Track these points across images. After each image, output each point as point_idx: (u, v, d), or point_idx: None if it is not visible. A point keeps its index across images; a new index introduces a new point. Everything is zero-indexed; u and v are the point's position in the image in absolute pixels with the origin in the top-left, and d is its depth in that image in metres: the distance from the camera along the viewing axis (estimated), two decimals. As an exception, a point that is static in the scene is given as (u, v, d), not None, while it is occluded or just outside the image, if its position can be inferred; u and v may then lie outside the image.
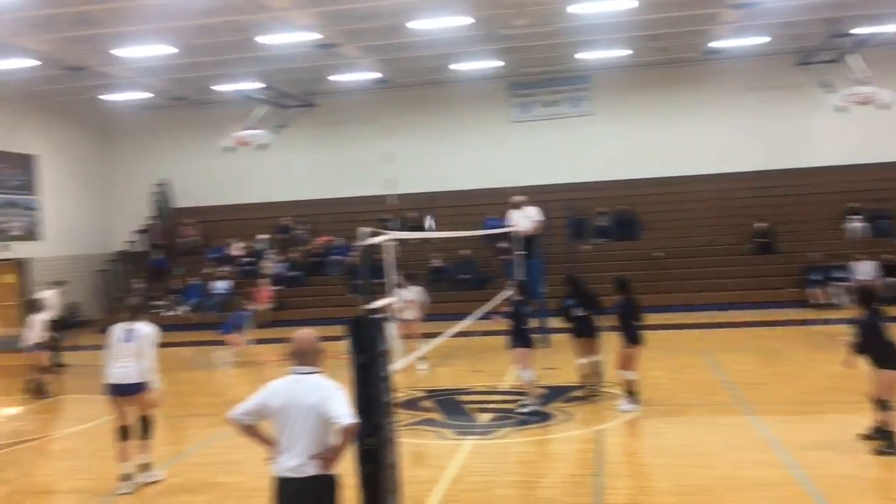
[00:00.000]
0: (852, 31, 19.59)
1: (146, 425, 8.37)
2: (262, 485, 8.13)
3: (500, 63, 23.51)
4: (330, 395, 4.68)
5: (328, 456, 4.68)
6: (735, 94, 24.66)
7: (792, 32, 21.68)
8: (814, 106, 22.89)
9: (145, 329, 8.30)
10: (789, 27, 21.28)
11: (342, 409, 4.65)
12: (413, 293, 14.36)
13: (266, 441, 4.93)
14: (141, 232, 27.39)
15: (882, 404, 8.19)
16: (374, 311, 5.83)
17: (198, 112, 26.98)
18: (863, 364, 8.48)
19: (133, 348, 8.13)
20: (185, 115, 27.22)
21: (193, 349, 18.98)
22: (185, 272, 25.05)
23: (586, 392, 11.56)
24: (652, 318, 19.82)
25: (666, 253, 22.87)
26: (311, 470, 4.63)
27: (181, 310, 23.54)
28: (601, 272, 22.61)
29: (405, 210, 24.68)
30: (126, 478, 8.03)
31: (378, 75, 24.28)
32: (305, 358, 4.83)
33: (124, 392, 8.12)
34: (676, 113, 25.15)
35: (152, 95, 25.36)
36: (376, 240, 6.51)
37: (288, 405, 4.70)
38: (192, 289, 24.05)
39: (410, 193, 25.20)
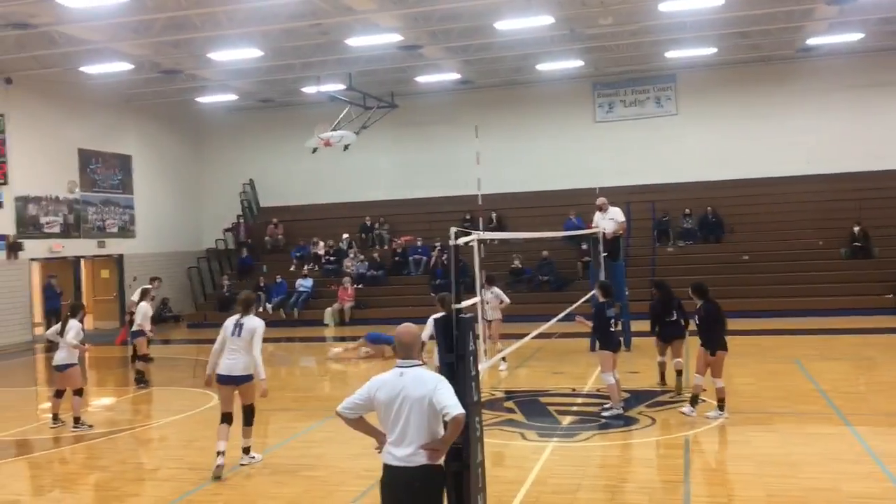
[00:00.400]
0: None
1: (249, 414, 8.82)
2: (345, 479, 8.34)
3: (583, 63, 23.28)
4: (437, 387, 4.79)
5: (437, 447, 4.80)
6: (828, 92, 23.81)
7: (891, 28, 20.83)
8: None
9: (254, 322, 8.63)
10: (888, 23, 20.45)
11: (450, 399, 4.75)
12: (493, 294, 14.34)
13: (375, 432, 5.07)
14: (229, 230, 28.19)
15: None
16: (462, 310, 5.83)
17: (283, 113, 27.63)
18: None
19: (242, 342, 8.53)
20: (271, 116, 27.91)
21: (278, 345, 19.42)
22: (271, 270, 25.66)
23: (671, 397, 11.33)
24: (737, 324, 19.40)
25: (752, 256, 22.25)
26: (420, 460, 4.75)
27: (267, 307, 24.11)
28: (685, 275, 22.17)
29: (488, 210, 24.67)
30: (221, 455, 8.44)
31: (460, 76, 24.36)
32: (409, 351, 4.95)
33: (231, 382, 8.60)
34: (764, 112, 24.44)
35: (240, 98, 26.07)
36: (463, 240, 6.51)
37: (395, 398, 4.82)
38: (278, 286, 24.61)
39: (493, 194, 25.16)
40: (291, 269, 25.55)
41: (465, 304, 6.00)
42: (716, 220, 23.64)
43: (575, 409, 11.18)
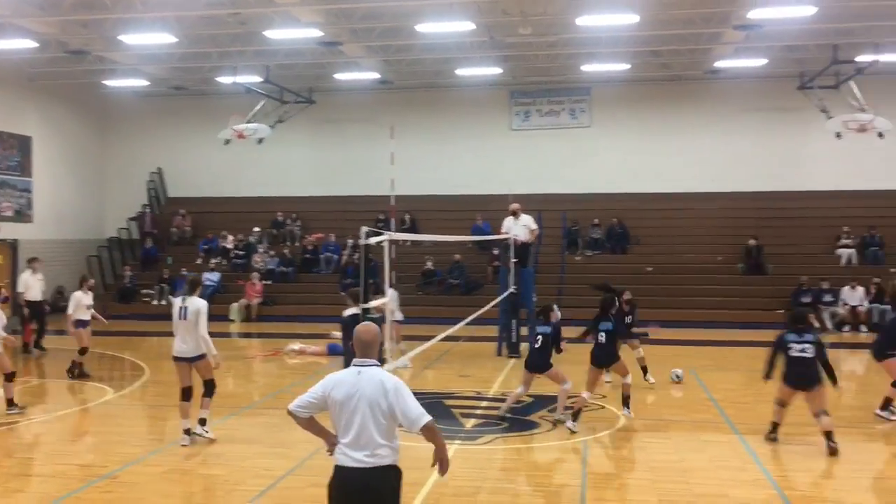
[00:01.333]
0: (853, 59, 19.72)
1: (211, 386, 9.49)
2: (243, 478, 8.18)
3: (502, 71, 23.57)
4: (397, 393, 4.68)
5: (443, 457, 4.82)
6: (735, 114, 24.79)
7: (794, 56, 21.86)
8: (812, 130, 23.07)
9: (197, 304, 9.21)
10: (791, 51, 21.47)
11: (414, 410, 4.68)
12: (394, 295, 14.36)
13: (325, 433, 4.93)
14: (133, 219, 27.30)
15: None
16: (369, 310, 5.82)
17: (196, 102, 26.95)
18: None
19: (189, 324, 9.15)
20: (183, 104, 27.18)
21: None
22: (176, 262, 24.97)
23: (572, 402, 11.56)
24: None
25: (655, 268, 22.96)
26: (374, 461, 4.65)
27: (171, 299, 23.44)
28: (591, 284, 22.72)
29: (402, 211, 24.64)
30: (187, 432, 9.18)
31: (380, 76, 24.30)
32: (367, 350, 4.83)
33: (185, 361, 9.29)
34: (674, 130, 25.27)
35: (152, 84, 25.29)
36: (374, 239, 6.50)
37: (351, 397, 4.70)
38: (182, 279, 23.89)
39: (408, 195, 25.13)
40: (198, 262, 24.93)
41: (373, 303, 5.99)
42: (622, 231, 24.29)
43: (479, 412, 11.29)
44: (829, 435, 9.05)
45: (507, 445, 9.57)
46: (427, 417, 4.68)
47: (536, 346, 10.46)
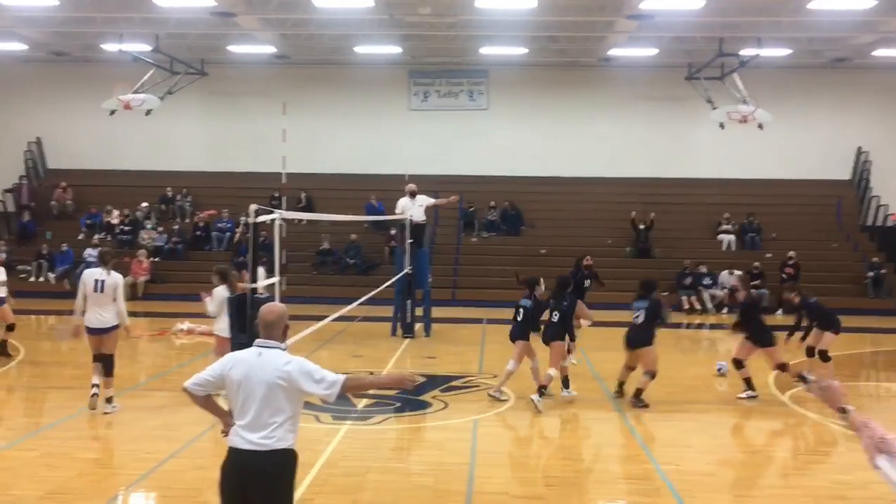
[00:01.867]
0: (737, 52, 20.57)
1: (109, 365, 9.58)
2: (124, 462, 7.92)
3: (401, 50, 23.44)
4: (301, 372, 4.54)
5: (390, 383, 5.99)
6: (627, 101, 25.49)
7: (683, 47, 22.64)
8: (698, 120, 23.94)
9: (115, 278, 9.47)
10: (681, 42, 22.21)
11: (328, 376, 4.55)
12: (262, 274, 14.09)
13: (221, 413, 4.79)
14: (9, 191, 25.83)
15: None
16: (256, 289, 5.71)
17: (80, 70, 25.64)
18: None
19: (107, 297, 9.35)
20: (65, 71, 25.81)
21: (60, 318, 18.05)
22: (56, 237, 23.79)
23: (464, 382, 11.72)
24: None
25: (549, 250, 23.44)
26: (271, 443, 4.51)
27: (50, 276, 22.40)
28: (487, 265, 23.08)
29: (298, 189, 24.25)
30: (96, 387, 9.44)
31: (276, 50, 23.75)
32: (270, 330, 4.67)
33: (99, 333, 9.52)
34: (569, 115, 25.77)
35: (31, 48, 23.89)
36: (263, 217, 6.36)
37: (249, 377, 4.55)
38: (63, 255, 22.86)
39: (304, 173, 24.77)
40: (80, 237, 23.82)
41: (261, 283, 5.88)
42: (516, 213, 24.67)
43: (371, 392, 11.29)
44: (638, 392, 10.27)
45: (399, 425, 9.62)
46: (342, 377, 4.60)
47: (519, 318, 10.82)
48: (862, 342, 17.32)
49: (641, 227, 23.40)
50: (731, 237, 23.39)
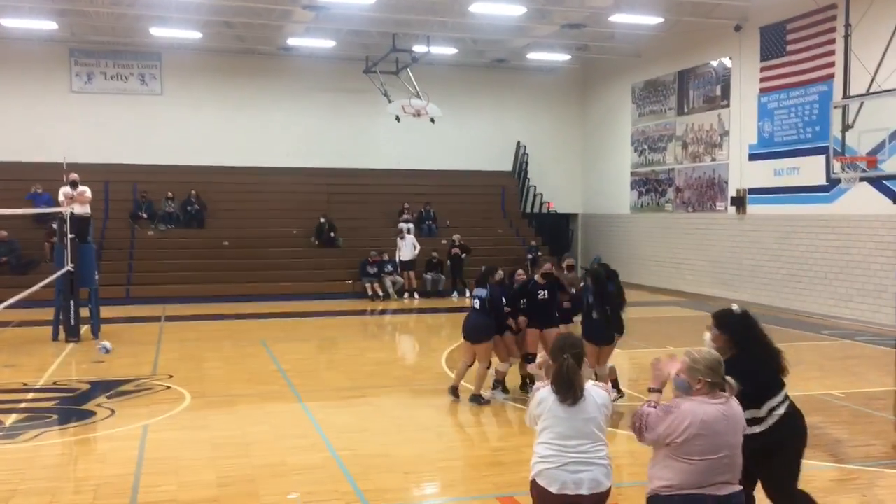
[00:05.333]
0: (409, 48, 21.54)
1: None
2: None
3: (58, 26, 21.20)
4: None
5: None
6: (308, 92, 25.54)
7: (360, 41, 23.19)
8: (377, 112, 24.69)
9: None
10: (357, 35, 22.75)
11: None
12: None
13: None
14: None
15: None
16: None
17: None
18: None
19: None
20: None
21: None
22: None
23: (136, 386, 10.97)
24: (216, 308, 19.77)
25: (232, 242, 22.85)
26: None
27: None
28: (166, 259, 21.87)
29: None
30: None
31: None
32: None
33: None
34: (250, 104, 25.23)
35: None
36: None
37: None
38: None
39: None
40: None
41: None
42: (198, 204, 23.67)
43: (24, 405, 10.11)
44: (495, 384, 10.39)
45: (57, 440, 8.71)
46: None
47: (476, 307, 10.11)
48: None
49: (322, 220, 23.64)
50: (410, 225, 24.50)
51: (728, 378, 4.36)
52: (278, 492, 7.03)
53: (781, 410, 5.10)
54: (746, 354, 5.05)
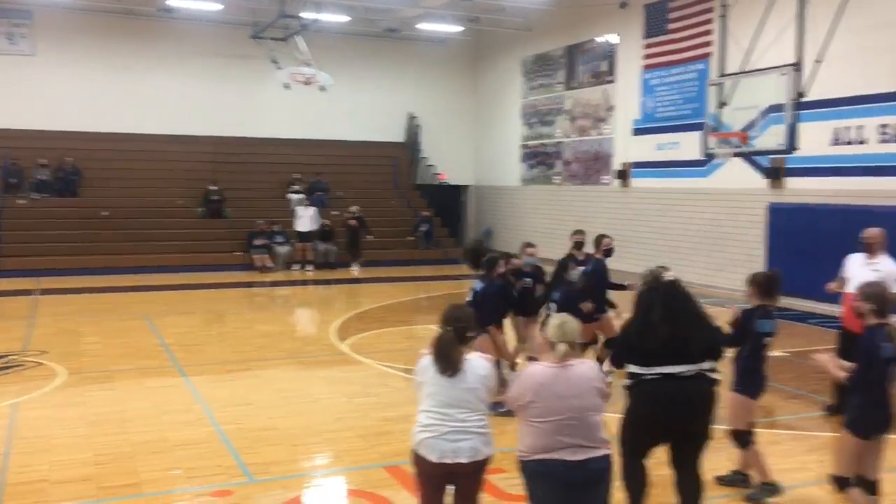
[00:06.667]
0: (298, 14, 21.04)
1: None
2: None
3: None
4: None
5: None
6: (193, 57, 24.60)
7: (248, 5, 22.49)
8: (265, 80, 24.04)
9: None
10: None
11: None
12: None
13: None
14: None
15: None
16: None
17: None
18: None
19: None
20: None
21: None
22: None
23: (6, 362, 10.42)
24: (94, 281, 18.98)
25: (111, 212, 21.90)
26: None
27: None
28: (39, 230, 20.78)
29: None
30: None
31: None
32: None
33: None
34: (131, 68, 24.09)
35: None
36: None
37: None
38: None
39: None
40: None
41: None
42: (74, 172, 22.52)
43: None
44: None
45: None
46: None
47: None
48: (417, 289, 19.22)
49: (211, 188, 22.96)
50: (302, 196, 24.09)
51: (577, 341, 4.45)
52: (158, 468, 6.86)
53: (649, 378, 5.23)
54: (640, 317, 5.30)
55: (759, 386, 6.21)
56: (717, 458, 6.44)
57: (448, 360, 4.54)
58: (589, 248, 10.73)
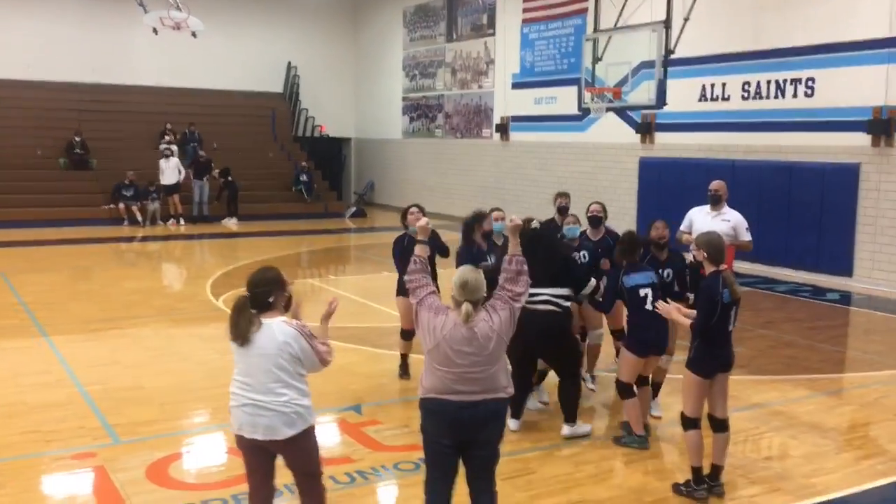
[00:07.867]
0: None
1: None
2: None
3: None
4: None
5: None
6: (50, -3, 22.97)
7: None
8: (134, 24, 22.73)
9: None
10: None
11: None
12: None
13: None
14: None
15: None
16: None
17: None
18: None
19: None
20: None
21: None
22: None
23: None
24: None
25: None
26: None
27: None
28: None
29: None
30: None
31: None
32: None
33: None
34: (-18, 7, 22.28)
35: None
36: None
37: None
38: None
39: None
40: None
41: None
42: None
43: None
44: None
45: None
46: None
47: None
48: (299, 243, 18.88)
49: (75, 139, 21.67)
50: (174, 147, 23.09)
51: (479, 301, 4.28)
52: (16, 432, 6.49)
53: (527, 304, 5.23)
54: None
55: (644, 343, 6.32)
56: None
57: (236, 328, 4.20)
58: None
